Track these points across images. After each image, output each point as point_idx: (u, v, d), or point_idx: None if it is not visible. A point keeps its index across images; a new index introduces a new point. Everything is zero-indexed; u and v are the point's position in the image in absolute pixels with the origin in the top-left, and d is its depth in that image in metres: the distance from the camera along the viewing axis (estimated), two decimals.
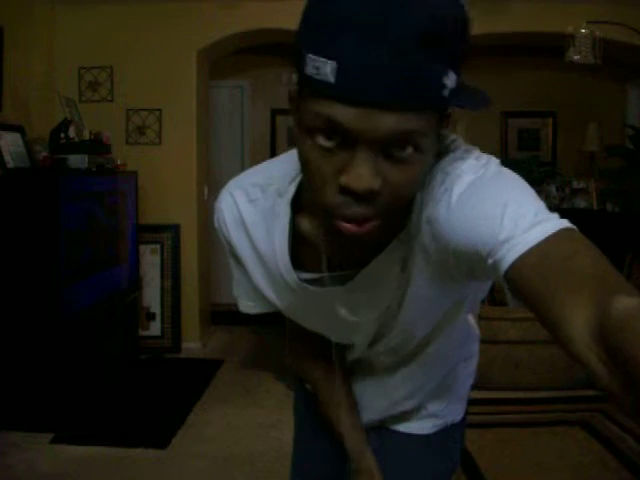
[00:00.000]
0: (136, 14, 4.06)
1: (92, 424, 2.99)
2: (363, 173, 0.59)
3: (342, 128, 0.58)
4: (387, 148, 0.59)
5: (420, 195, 0.71)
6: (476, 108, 0.63)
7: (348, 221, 0.63)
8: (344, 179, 0.60)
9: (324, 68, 0.56)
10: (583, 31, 3.42)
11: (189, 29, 4.06)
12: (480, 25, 3.91)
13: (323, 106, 0.58)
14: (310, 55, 0.57)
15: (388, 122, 0.57)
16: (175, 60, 4.09)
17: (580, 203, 4.54)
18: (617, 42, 3.78)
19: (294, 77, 0.64)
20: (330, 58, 0.55)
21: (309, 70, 0.57)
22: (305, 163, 0.63)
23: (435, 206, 0.69)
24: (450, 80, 0.58)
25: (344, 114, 0.57)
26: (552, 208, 0.65)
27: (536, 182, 4.47)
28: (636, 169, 4.12)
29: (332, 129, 0.59)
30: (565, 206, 4.50)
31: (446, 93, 0.58)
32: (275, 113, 5.39)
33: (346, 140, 0.59)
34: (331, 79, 0.56)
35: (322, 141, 0.60)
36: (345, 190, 0.60)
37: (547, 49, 4.37)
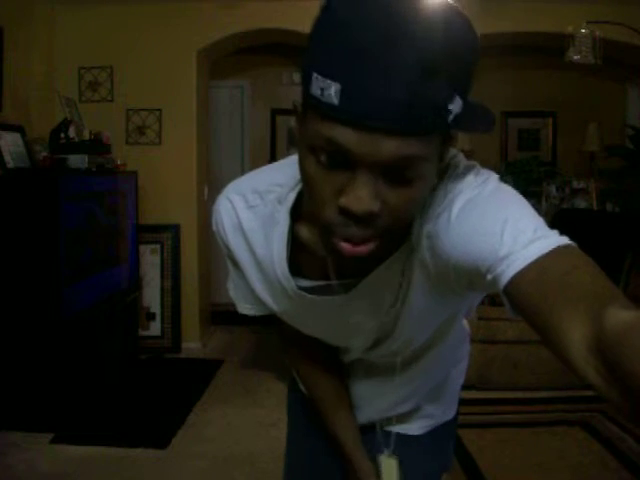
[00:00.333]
0: (136, 14, 4.06)
1: (92, 424, 2.99)
2: (362, 196, 0.59)
3: (343, 150, 0.58)
4: (388, 172, 0.59)
5: (421, 210, 0.72)
6: (480, 132, 0.63)
7: (346, 240, 0.63)
8: (343, 200, 0.60)
9: (328, 90, 0.56)
10: (583, 31, 3.42)
11: (189, 29, 4.06)
12: (480, 25, 3.92)
13: (326, 127, 0.58)
14: (316, 75, 0.57)
15: (390, 147, 0.57)
16: (175, 60, 4.09)
17: (580, 203, 4.54)
18: (617, 42, 3.78)
19: (298, 91, 0.63)
20: (335, 80, 0.55)
21: (314, 90, 0.57)
22: (306, 179, 0.64)
23: (435, 222, 0.69)
24: (456, 105, 0.58)
25: (346, 137, 0.57)
26: (552, 208, 0.65)
27: (536, 182, 4.47)
28: (636, 169, 4.13)
29: (333, 150, 0.59)
30: (565, 206, 4.50)
31: (451, 118, 0.58)
32: (275, 113, 5.39)
33: (347, 162, 0.59)
34: (335, 101, 0.56)
35: (323, 161, 0.60)
36: (344, 211, 0.61)
37: (547, 49, 4.37)
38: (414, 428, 1.07)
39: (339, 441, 1.02)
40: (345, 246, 0.63)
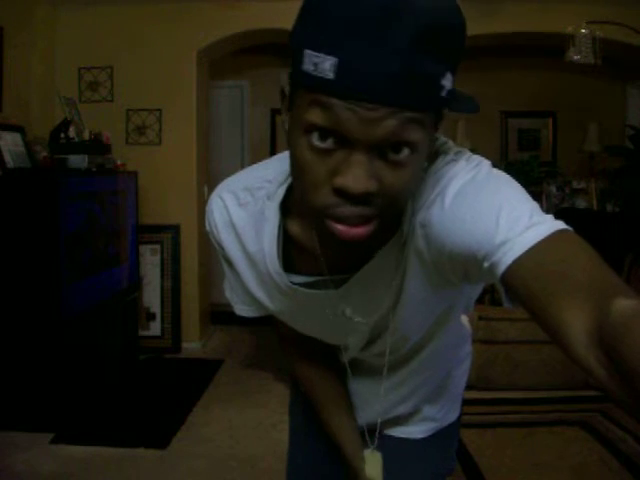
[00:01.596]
0: (136, 14, 4.06)
1: (92, 424, 2.99)
2: (359, 175, 0.57)
3: (339, 127, 0.57)
4: (384, 149, 0.58)
5: (412, 199, 0.71)
6: (470, 112, 0.62)
7: (342, 223, 0.61)
8: (339, 180, 0.58)
9: (323, 64, 0.54)
10: (583, 31, 3.42)
11: (189, 29, 4.06)
12: (480, 25, 3.93)
13: (320, 103, 0.57)
14: (308, 51, 0.55)
15: (388, 124, 0.56)
16: (175, 60, 4.09)
17: (580, 203, 4.54)
18: (617, 42, 3.78)
19: (287, 76, 0.62)
20: (330, 54, 0.54)
21: (306, 66, 0.56)
22: (298, 163, 0.61)
23: (429, 210, 0.68)
24: (447, 82, 0.57)
25: (342, 112, 0.56)
26: (552, 208, 0.65)
27: (536, 182, 4.47)
28: (636, 169, 4.12)
29: (329, 128, 0.57)
30: (565, 206, 4.50)
31: (444, 94, 0.57)
32: (275, 113, 5.39)
33: (342, 140, 0.58)
34: (330, 75, 0.54)
35: (317, 140, 0.58)
36: (340, 192, 0.59)
37: (547, 49, 4.37)
38: (417, 432, 1.07)
39: (338, 441, 1.02)
40: (341, 228, 0.61)
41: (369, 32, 0.53)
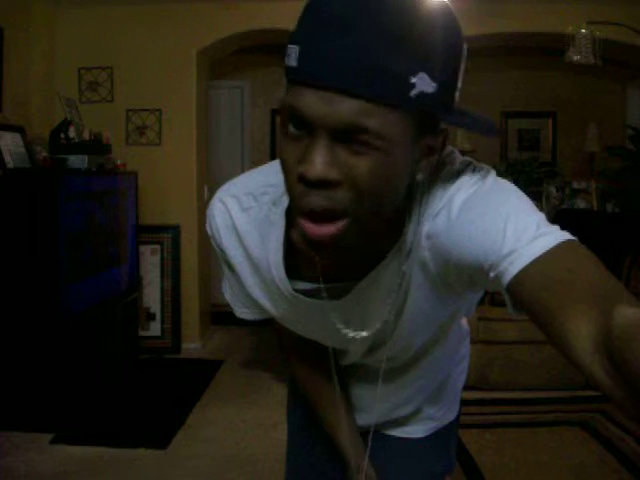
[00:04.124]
0: (136, 14, 4.06)
1: (92, 424, 2.98)
2: (317, 161, 0.58)
3: (301, 113, 0.58)
4: (346, 138, 0.58)
5: (418, 209, 0.71)
6: (475, 130, 0.63)
7: (310, 220, 0.62)
8: (300, 167, 0.60)
9: (291, 54, 0.58)
10: (583, 31, 3.42)
11: (189, 29, 4.06)
12: (480, 25, 3.93)
13: (290, 93, 0.60)
14: (288, 45, 0.60)
15: (345, 109, 0.56)
16: (175, 60, 4.09)
17: (580, 203, 4.54)
18: (617, 42, 3.79)
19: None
20: (295, 44, 0.58)
21: (285, 58, 0.60)
22: (278, 154, 0.65)
23: (435, 220, 0.68)
24: (421, 81, 0.57)
25: (303, 98, 0.58)
26: (552, 209, 0.65)
27: (536, 182, 4.47)
28: (636, 169, 4.13)
29: (295, 116, 0.59)
30: (565, 206, 4.50)
31: (414, 94, 0.57)
32: (275, 113, 5.39)
33: (308, 127, 0.59)
34: (294, 63, 0.58)
35: (291, 130, 0.61)
36: (302, 179, 0.60)
37: (547, 49, 4.37)
38: (416, 431, 1.07)
39: (339, 445, 1.02)
40: (309, 226, 0.62)
41: (329, 23, 0.56)
